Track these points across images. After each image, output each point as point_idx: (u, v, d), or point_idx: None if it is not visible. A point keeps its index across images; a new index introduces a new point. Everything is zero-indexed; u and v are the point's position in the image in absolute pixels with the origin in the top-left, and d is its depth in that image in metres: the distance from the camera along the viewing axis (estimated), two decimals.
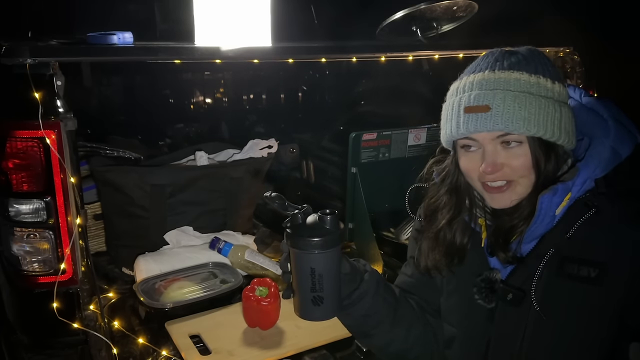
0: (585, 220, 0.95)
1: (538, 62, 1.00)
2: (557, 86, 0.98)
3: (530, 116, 0.94)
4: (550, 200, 0.95)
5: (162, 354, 1.48)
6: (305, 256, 0.96)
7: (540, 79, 0.96)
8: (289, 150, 2.95)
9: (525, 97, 0.94)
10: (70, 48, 1.55)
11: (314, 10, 2.84)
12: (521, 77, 0.96)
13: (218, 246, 1.90)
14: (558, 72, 1.01)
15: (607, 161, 0.97)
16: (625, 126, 1.01)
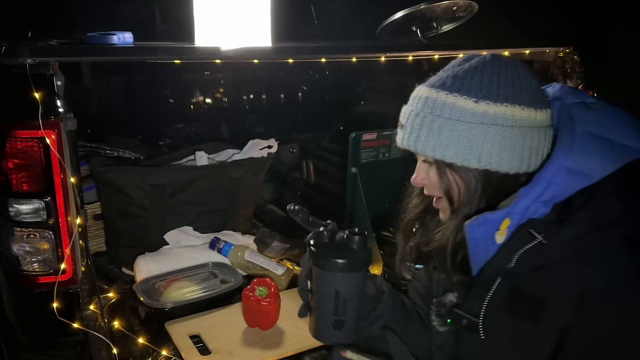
0: (529, 249, 0.86)
1: (479, 79, 0.90)
2: (491, 107, 0.88)
3: (431, 138, 0.91)
4: (478, 229, 0.90)
5: (162, 354, 1.48)
6: (330, 278, 0.90)
7: (465, 101, 0.89)
8: (289, 150, 2.95)
9: (431, 118, 0.92)
10: (70, 48, 1.55)
11: (314, 10, 2.84)
12: (438, 98, 0.92)
13: (218, 246, 1.90)
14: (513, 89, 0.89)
15: (560, 184, 0.86)
16: (607, 140, 0.87)
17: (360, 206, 2.02)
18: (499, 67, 0.91)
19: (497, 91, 0.89)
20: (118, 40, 1.53)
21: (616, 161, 0.86)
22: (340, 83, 3.30)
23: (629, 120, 0.91)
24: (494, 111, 0.88)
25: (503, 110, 0.88)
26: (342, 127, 3.08)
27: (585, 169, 0.85)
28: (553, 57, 2.18)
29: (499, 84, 0.90)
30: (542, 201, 0.87)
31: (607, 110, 0.92)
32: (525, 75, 0.92)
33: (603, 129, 0.87)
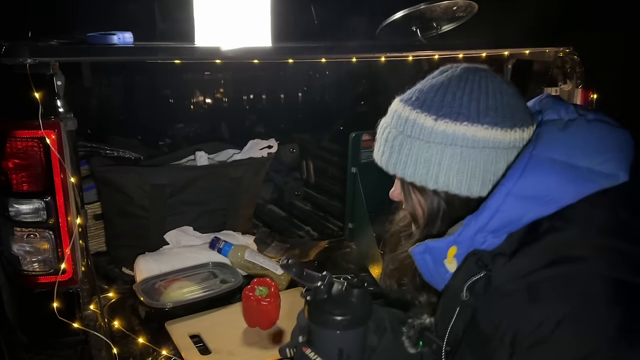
0: (477, 280, 0.79)
1: (442, 95, 0.85)
2: (440, 123, 0.83)
3: (393, 155, 0.88)
4: (422, 257, 0.85)
5: (162, 354, 1.48)
6: (333, 336, 0.85)
7: (425, 119, 0.84)
8: (289, 150, 2.96)
9: (395, 134, 0.88)
10: (70, 48, 1.55)
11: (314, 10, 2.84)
12: (402, 114, 0.88)
13: (218, 246, 1.90)
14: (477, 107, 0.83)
15: (508, 213, 0.78)
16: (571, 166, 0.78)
17: (360, 206, 2.02)
18: (465, 82, 0.85)
19: (458, 109, 0.83)
20: (118, 40, 1.53)
21: (582, 188, 0.77)
22: (340, 83, 3.30)
23: (609, 143, 0.81)
24: (453, 130, 0.82)
25: (463, 130, 0.82)
26: (342, 127, 3.08)
27: (540, 196, 0.77)
28: (553, 57, 2.18)
29: (461, 101, 0.83)
30: (490, 231, 0.79)
31: (581, 131, 0.81)
32: (496, 91, 0.84)
33: (568, 153, 0.78)
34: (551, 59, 2.19)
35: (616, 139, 0.82)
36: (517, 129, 0.83)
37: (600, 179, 0.78)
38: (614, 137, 0.82)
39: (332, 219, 2.65)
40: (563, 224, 0.76)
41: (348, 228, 2.13)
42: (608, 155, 0.79)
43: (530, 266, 0.75)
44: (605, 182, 0.78)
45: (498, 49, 2.10)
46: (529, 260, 0.76)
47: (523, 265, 0.76)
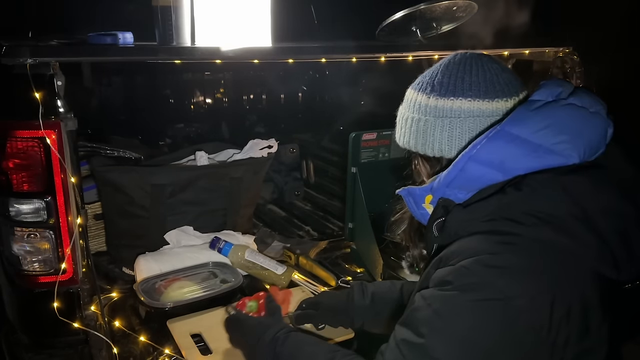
0: (439, 222, 0.97)
1: (437, 74, 1.03)
2: (432, 99, 1.01)
3: (401, 130, 1.09)
4: (407, 198, 1.04)
5: (164, 353, 1.48)
6: None
7: (417, 95, 1.05)
8: (289, 150, 2.96)
9: (403, 112, 1.09)
10: (70, 48, 1.55)
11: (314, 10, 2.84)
12: (408, 96, 1.08)
13: (218, 246, 1.90)
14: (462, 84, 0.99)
15: (469, 173, 0.92)
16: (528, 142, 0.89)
17: (360, 206, 2.02)
18: (453, 64, 1.02)
19: (446, 87, 1.00)
20: (118, 40, 1.53)
21: (533, 162, 0.89)
22: (340, 83, 3.30)
23: (570, 127, 0.90)
24: (442, 105, 0.99)
25: (449, 104, 0.99)
26: (342, 127, 3.09)
27: (496, 163, 0.90)
28: (553, 57, 2.18)
29: (449, 79, 1.00)
30: (457, 187, 0.94)
31: (549, 113, 0.91)
32: (479, 70, 0.99)
33: (528, 131, 0.89)
34: (551, 59, 2.19)
35: (581, 124, 0.91)
36: (499, 100, 0.97)
37: (550, 157, 0.89)
38: (579, 123, 0.91)
39: (332, 219, 2.65)
40: (511, 190, 0.89)
41: (348, 228, 2.13)
42: (564, 137, 0.89)
43: (473, 217, 0.91)
44: (555, 161, 0.89)
45: (498, 49, 2.10)
46: (474, 212, 0.91)
47: (468, 215, 0.92)
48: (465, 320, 0.85)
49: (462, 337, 0.84)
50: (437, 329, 0.86)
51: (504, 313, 0.83)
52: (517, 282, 0.84)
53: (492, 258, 0.85)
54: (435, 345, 0.85)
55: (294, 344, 1.14)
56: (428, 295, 0.89)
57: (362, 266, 2.06)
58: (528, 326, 0.83)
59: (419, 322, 0.88)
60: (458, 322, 0.85)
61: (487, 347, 0.84)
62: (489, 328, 0.84)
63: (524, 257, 0.85)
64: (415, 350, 0.87)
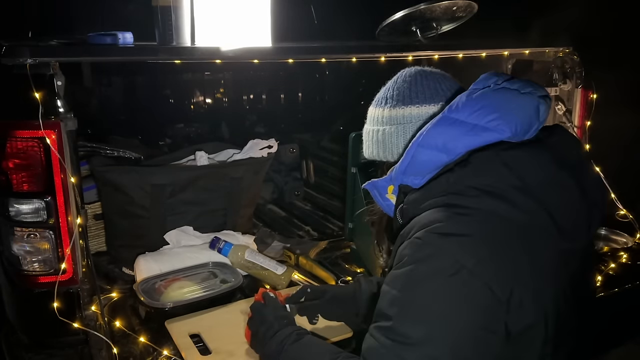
0: (402, 208, 1.06)
1: (389, 89, 1.15)
2: (386, 111, 1.12)
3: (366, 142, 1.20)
4: (372, 191, 1.13)
5: (163, 354, 1.48)
6: None
7: (374, 110, 1.16)
8: (289, 150, 2.96)
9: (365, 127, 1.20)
10: (70, 48, 1.55)
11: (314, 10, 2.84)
12: (368, 111, 1.20)
13: (218, 246, 1.90)
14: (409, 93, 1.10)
15: (419, 158, 1.01)
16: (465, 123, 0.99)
17: (360, 206, 2.02)
18: (403, 78, 1.14)
19: (397, 97, 1.11)
20: (118, 40, 1.53)
21: (471, 140, 0.98)
22: (340, 83, 3.30)
23: (500, 105, 0.99)
24: (395, 114, 1.11)
25: (401, 112, 1.10)
26: (342, 127, 3.09)
27: (439, 145, 0.99)
28: (553, 57, 2.18)
29: (398, 91, 1.12)
30: (412, 174, 1.03)
31: (482, 97, 1.00)
32: (422, 79, 1.12)
33: (465, 114, 0.98)
34: (551, 59, 2.19)
35: (511, 103, 0.99)
36: (444, 103, 1.08)
37: (485, 133, 0.98)
38: (509, 102, 1.00)
39: (332, 219, 2.66)
40: (458, 168, 0.98)
41: (348, 228, 2.13)
42: (495, 115, 0.98)
43: (426, 196, 1.00)
44: (491, 137, 0.98)
45: (498, 48, 2.11)
46: (427, 192, 1.00)
47: (422, 195, 1.01)
48: (426, 292, 0.91)
49: (425, 308, 0.90)
50: (401, 307, 0.92)
51: (460, 277, 0.89)
52: (465, 246, 0.90)
53: (442, 226, 0.92)
54: (403, 322, 0.91)
55: (304, 343, 1.18)
56: (390, 279, 0.96)
57: (362, 266, 2.06)
58: (482, 285, 0.89)
59: (385, 305, 0.95)
60: (419, 295, 0.91)
61: (449, 313, 0.89)
62: (449, 294, 0.89)
63: (469, 224, 0.92)
64: (387, 333, 0.92)
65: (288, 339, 1.19)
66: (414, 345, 0.89)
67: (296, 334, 1.20)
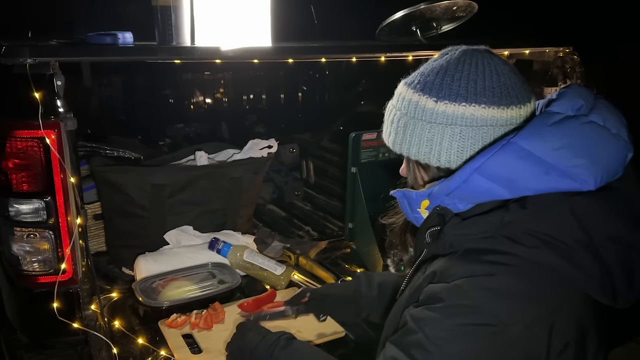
0: (434, 231, 0.90)
1: (441, 78, 0.91)
2: (440, 105, 0.89)
3: (399, 135, 0.97)
4: (402, 201, 0.97)
5: (161, 354, 1.48)
6: None
7: (427, 101, 0.91)
8: (289, 150, 2.96)
9: (399, 115, 0.96)
10: (70, 48, 1.55)
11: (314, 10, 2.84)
12: (406, 97, 0.95)
13: (217, 247, 1.90)
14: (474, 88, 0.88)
15: (472, 185, 0.84)
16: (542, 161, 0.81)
17: (360, 206, 2.02)
18: (463, 64, 0.91)
19: (457, 90, 0.88)
20: (118, 40, 1.53)
21: (545, 184, 0.81)
22: (340, 83, 3.30)
23: (589, 150, 0.82)
24: (452, 111, 0.88)
25: (462, 110, 0.88)
26: (342, 127, 3.08)
27: (503, 178, 0.82)
28: (553, 57, 2.18)
29: (459, 82, 0.89)
30: (457, 197, 0.87)
31: (568, 131, 0.82)
32: (492, 72, 0.89)
33: (543, 149, 0.80)
34: (551, 59, 2.19)
35: (601, 148, 0.83)
36: (514, 107, 0.88)
37: (565, 181, 0.80)
38: (599, 146, 0.83)
39: (332, 219, 2.65)
40: (515, 206, 0.82)
41: (348, 228, 2.13)
42: (582, 161, 0.81)
43: (471, 232, 0.85)
44: (569, 186, 0.81)
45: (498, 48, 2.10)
46: (472, 226, 0.85)
47: (466, 229, 0.85)
48: (456, 346, 0.80)
49: None
50: (428, 354, 0.81)
51: (497, 340, 0.78)
52: (512, 307, 0.79)
53: (487, 280, 0.80)
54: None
55: (294, 350, 1.13)
56: (419, 317, 0.84)
57: (362, 266, 2.06)
58: (523, 356, 0.79)
59: (411, 344, 0.83)
60: (449, 347, 0.80)
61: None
62: (481, 356, 0.80)
63: (521, 281, 0.80)
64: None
65: (277, 344, 1.13)
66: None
67: (284, 340, 1.14)
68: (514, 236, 0.81)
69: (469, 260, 0.84)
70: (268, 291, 1.74)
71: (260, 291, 1.85)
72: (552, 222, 0.80)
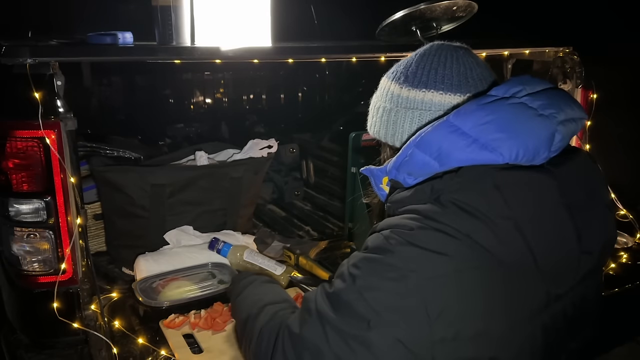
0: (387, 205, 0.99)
1: (411, 65, 1.01)
2: (404, 90, 0.99)
3: (373, 119, 1.08)
4: (369, 177, 1.05)
5: (162, 354, 1.48)
6: None
7: (389, 84, 1.03)
8: (289, 150, 2.96)
9: (375, 101, 1.08)
10: (70, 48, 1.55)
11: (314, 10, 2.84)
12: (382, 85, 1.07)
13: (217, 247, 1.89)
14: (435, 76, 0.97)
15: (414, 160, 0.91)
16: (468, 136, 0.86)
17: (360, 206, 2.02)
18: (432, 56, 1.00)
19: (419, 77, 0.98)
20: (118, 40, 1.53)
21: (468, 155, 0.86)
22: (340, 83, 3.30)
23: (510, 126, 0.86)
24: (414, 96, 0.98)
25: (421, 96, 0.97)
26: (342, 127, 3.09)
27: (435, 152, 0.88)
28: (553, 57, 2.18)
29: (423, 71, 0.98)
30: (406, 171, 0.93)
31: (494, 110, 0.87)
32: (454, 63, 0.98)
33: (470, 125, 0.87)
34: (551, 59, 2.19)
35: (522, 124, 0.87)
36: (470, 95, 0.96)
37: (484, 153, 0.86)
38: (520, 123, 0.87)
39: (332, 219, 2.66)
40: (447, 177, 0.88)
41: (348, 228, 2.13)
42: (501, 135, 0.86)
43: (409, 199, 0.92)
44: (487, 157, 0.86)
45: (498, 48, 2.10)
46: (411, 194, 0.92)
47: (404, 197, 0.93)
48: (367, 279, 0.87)
49: (364, 301, 0.86)
50: (344, 283, 0.91)
51: (400, 282, 0.83)
52: (420, 257, 0.83)
53: (406, 234, 0.85)
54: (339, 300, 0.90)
55: (259, 285, 1.25)
56: (348, 258, 0.96)
57: None
58: (419, 302, 0.82)
59: (336, 274, 0.95)
60: (361, 279, 0.88)
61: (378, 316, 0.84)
62: (383, 289, 0.85)
63: (434, 239, 0.83)
64: (328, 297, 0.92)
65: (252, 282, 1.27)
66: (336, 316, 0.88)
67: (260, 281, 1.27)
68: (439, 204, 0.86)
69: (397, 218, 0.90)
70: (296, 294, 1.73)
71: None
72: (476, 193, 0.85)
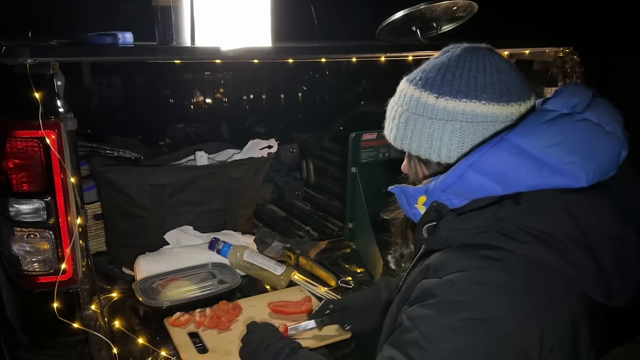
0: (431, 226, 0.92)
1: (442, 74, 0.92)
2: (441, 101, 0.90)
3: (400, 130, 0.97)
4: (399, 197, 0.98)
5: (162, 354, 1.48)
6: None
7: (428, 97, 0.91)
8: (289, 150, 2.96)
9: (401, 111, 0.96)
10: (70, 48, 1.55)
11: (314, 10, 2.84)
12: (408, 93, 0.96)
13: (217, 247, 1.90)
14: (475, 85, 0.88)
15: (467, 182, 0.85)
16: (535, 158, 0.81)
17: (360, 206, 2.02)
18: (464, 61, 0.92)
19: (457, 87, 0.89)
20: (118, 40, 1.53)
21: (538, 180, 0.81)
22: (340, 83, 3.30)
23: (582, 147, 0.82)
24: (453, 107, 0.89)
25: (462, 106, 0.88)
26: (342, 127, 3.09)
27: (497, 174, 0.83)
28: (553, 57, 2.18)
29: (460, 79, 0.90)
30: (453, 193, 0.88)
31: (562, 129, 0.83)
32: (493, 69, 0.90)
33: (537, 146, 0.81)
34: (551, 59, 2.19)
35: (594, 145, 0.83)
36: (514, 104, 0.89)
37: (557, 177, 0.81)
38: (592, 143, 0.83)
39: (332, 219, 2.66)
40: (509, 203, 0.83)
41: (348, 228, 2.13)
42: (574, 158, 0.81)
43: (465, 227, 0.86)
44: (561, 182, 0.81)
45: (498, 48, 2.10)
46: (467, 222, 0.86)
47: (461, 224, 0.86)
48: (451, 341, 0.80)
49: (449, 358, 0.80)
50: (424, 351, 0.81)
51: (490, 335, 0.78)
52: (504, 302, 0.79)
53: (479, 274, 0.81)
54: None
55: (298, 357, 1.14)
56: (413, 315, 0.85)
57: (362, 266, 2.06)
58: (518, 350, 0.79)
59: (407, 343, 0.84)
60: (444, 343, 0.80)
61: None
62: (476, 350, 0.79)
63: (512, 276, 0.80)
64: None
65: (281, 353, 1.14)
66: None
67: (289, 348, 1.15)
68: (506, 232, 0.82)
69: (462, 255, 0.85)
70: (305, 297, 1.72)
71: (260, 291, 1.85)
72: (545, 219, 0.80)
